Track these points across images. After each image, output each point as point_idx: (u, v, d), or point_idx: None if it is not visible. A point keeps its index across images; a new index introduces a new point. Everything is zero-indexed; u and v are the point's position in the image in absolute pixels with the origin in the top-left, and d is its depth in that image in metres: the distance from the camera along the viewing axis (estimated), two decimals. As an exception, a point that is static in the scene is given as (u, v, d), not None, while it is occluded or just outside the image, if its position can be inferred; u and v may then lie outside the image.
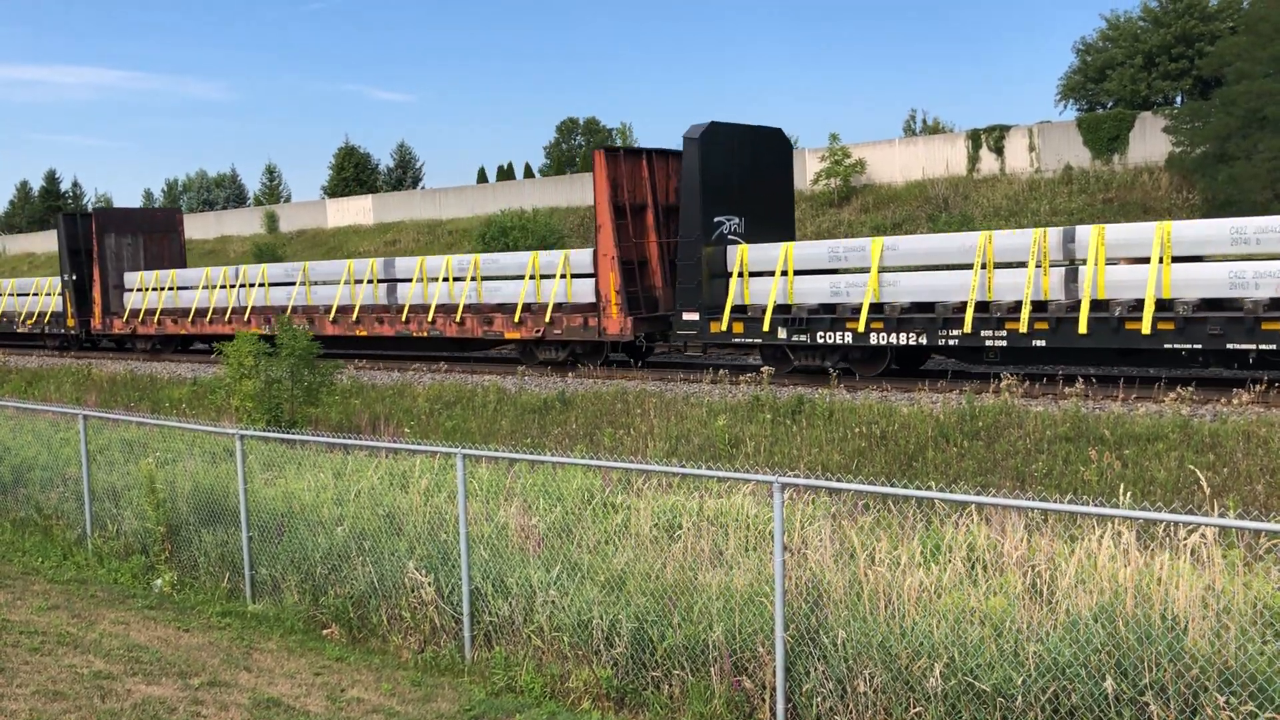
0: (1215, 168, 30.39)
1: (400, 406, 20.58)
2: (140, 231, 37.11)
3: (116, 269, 35.96)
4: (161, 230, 37.71)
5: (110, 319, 35.67)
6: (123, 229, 36.46)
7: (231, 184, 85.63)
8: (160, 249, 37.17)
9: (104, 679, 7.95)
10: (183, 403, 22.26)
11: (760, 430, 16.23)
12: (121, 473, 12.53)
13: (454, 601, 8.78)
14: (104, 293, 35.75)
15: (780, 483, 6.97)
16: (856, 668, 6.77)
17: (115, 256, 36.21)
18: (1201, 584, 6.42)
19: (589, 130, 74.89)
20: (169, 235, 37.78)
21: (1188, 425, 13.98)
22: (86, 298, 36.30)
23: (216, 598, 10.37)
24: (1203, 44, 38.58)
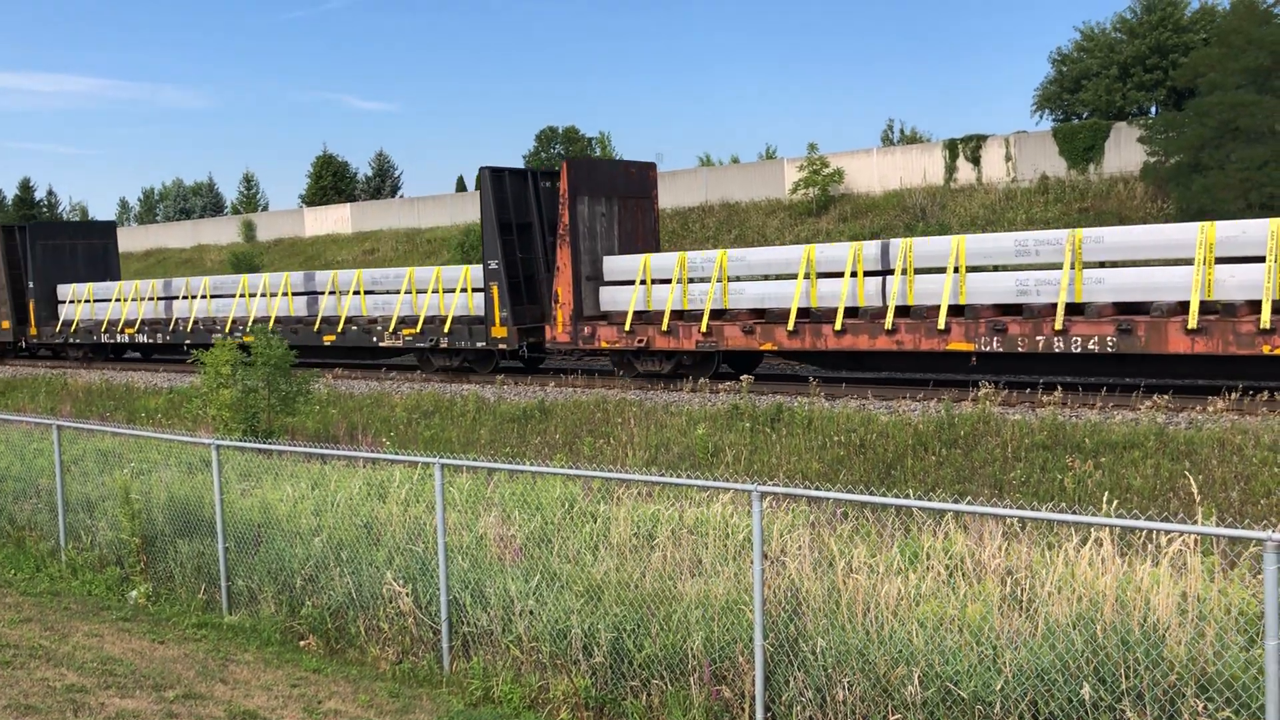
0: (1189, 177, 30.68)
1: (378, 416, 20.50)
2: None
3: None
4: None
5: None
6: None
7: (209, 192, 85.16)
8: None
9: (77, 692, 7.87)
10: (159, 413, 22.09)
11: (739, 439, 16.24)
12: (96, 483, 12.42)
13: (432, 612, 8.73)
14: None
15: (759, 491, 6.98)
16: (836, 676, 6.78)
17: None
18: (1178, 591, 6.46)
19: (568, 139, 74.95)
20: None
21: (1163, 433, 14.09)
22: None
23: (192, 609, 10.28)
24: (1176, 55, 38.97)
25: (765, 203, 44.20)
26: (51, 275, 36.58)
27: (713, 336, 20.81)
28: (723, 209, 44.96)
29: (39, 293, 36.22)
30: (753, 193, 45.14)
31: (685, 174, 48.77)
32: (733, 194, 45.63)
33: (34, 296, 36.20)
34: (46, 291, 36.35)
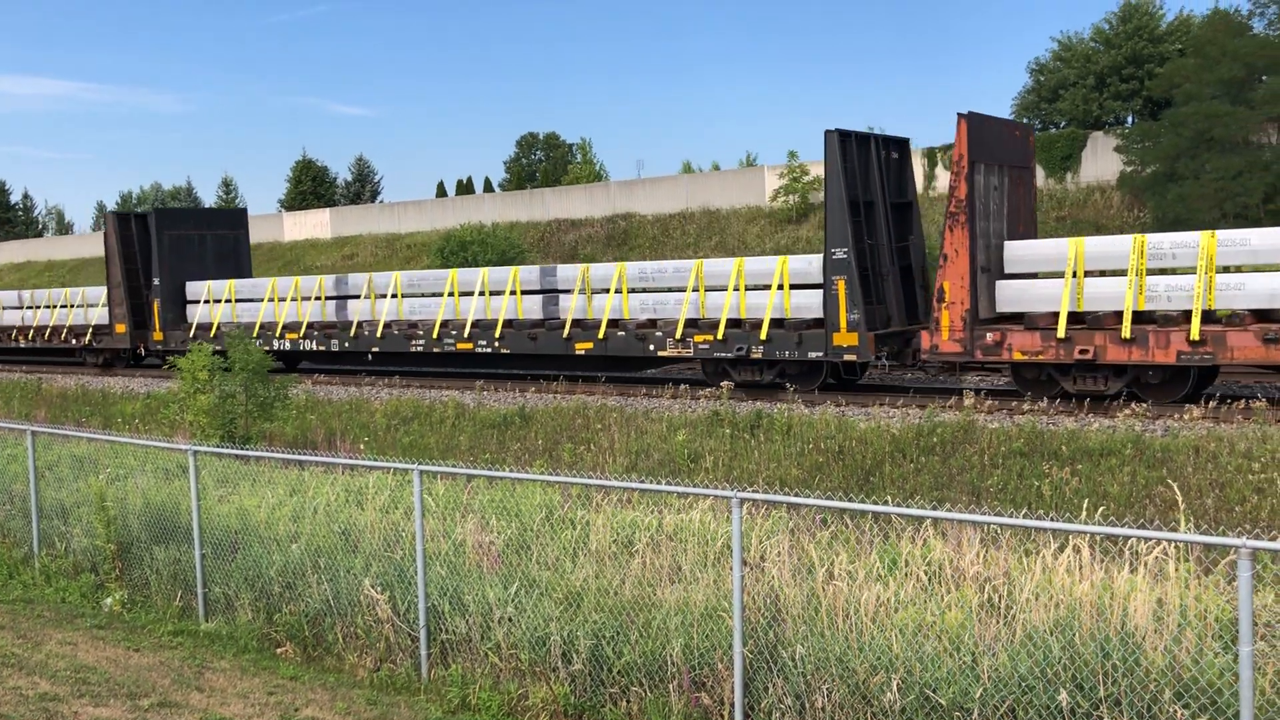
0: (1165, 187, 30.98)
1: (357, 422, 20.41)
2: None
3: None
4: None
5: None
6: None
7: (187, 196, 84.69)
8: None
9: (50, 701, 7.79)
10: (135, 418, 21.92)
11: (719, 445, 16.26)
12: (71, 489, 12.31)
13: (410, 619, 8.69)
14: None
15: (739, 498, 6.98)
16: (815, 683, 6.78)
17: None
18: (1154, 597, 6.50)
19: (548, 145, 74.97)
20: None
21: (1140, 440, 14.19)
22: None
23: (168, 617, 10.19)
24: (1152, 65, 39.33)
25: (746, 210, 44.30)
26: (178, 271, 30.82)
27: (1207, 346, 15.87)
28: (703, 216, 45.04)
29: (165, 291, 30.37)
30: (733, 200, 45.22)
31: (666, 181, 48.83)
32: (713, 201, 45.70)
33: (159, 295, 30.38)
34: (173, 290, 30.61)
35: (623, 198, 48.88)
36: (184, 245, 31.13)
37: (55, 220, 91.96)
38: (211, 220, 33.44)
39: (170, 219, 31.48)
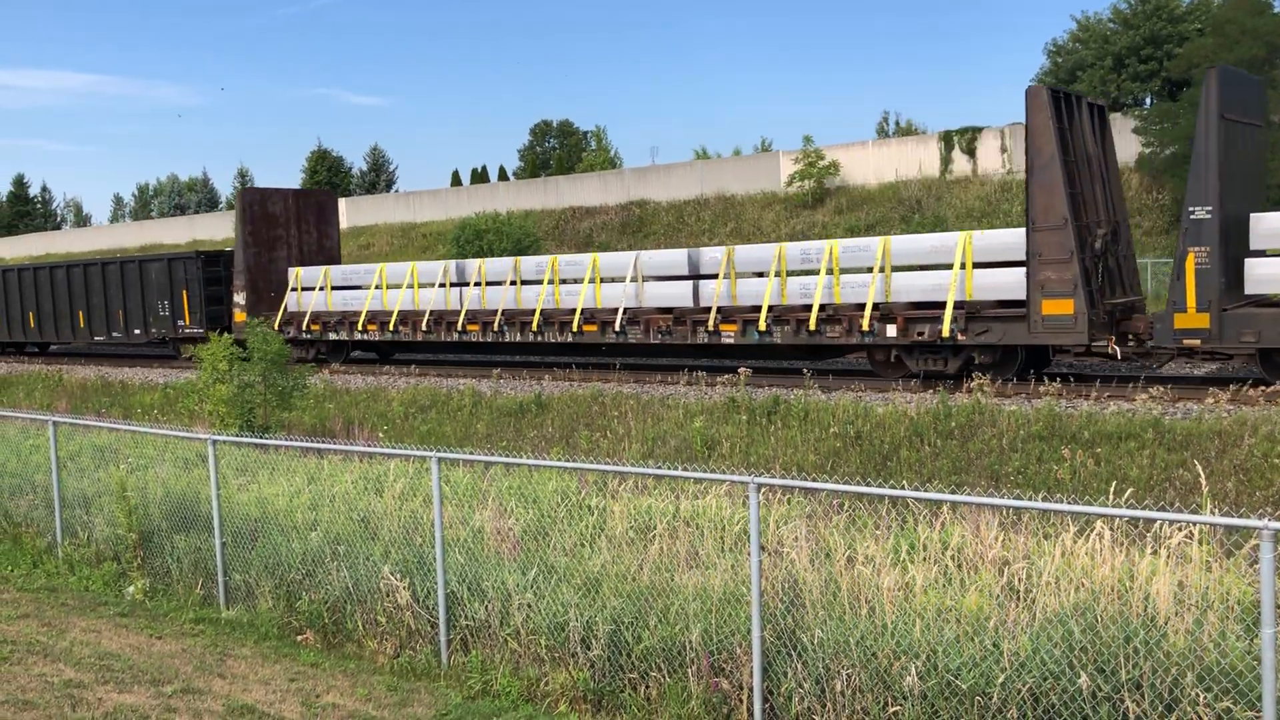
0: (1184, 168, 30.68)
1: (374, 410, 20.48)
2: None
3: None
4: None
5: None
6: None
7: (204, 188, 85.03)
8: None
9: (75, 687, 7.86)
10: (155, 408, 22.06)
11: (736, 431, 16.25)
12: (92, 479, 12.40)
13: (430, 605, 8.73)
14: None
15: (756, 483, 6.97)
16: (834, 667, 6.78)
17: None
18: (1175, 580, 6.47)
19: (562, 133, 74.92)
20: None
21: (1159, 424, 14.10)
22: None
23: (189, 604, 10.27)
24: (1171, 45, 38.97)
25: (761, 195, 44.19)
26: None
27: None
28: (718, 202, 44.94)
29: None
30: (748, 185, 45.11)
31: (681, 167, 48.74)
32: (728, 187, 45.60)
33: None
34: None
35: (637, 185, 48.81)
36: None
37: (74, 213, 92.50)
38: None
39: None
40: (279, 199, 30.33)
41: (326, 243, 31.52)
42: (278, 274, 29.61)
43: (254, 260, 29.35)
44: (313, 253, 30.78)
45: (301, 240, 30.66)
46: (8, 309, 36.48)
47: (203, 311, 30.01)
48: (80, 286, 33.59)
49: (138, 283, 31.79)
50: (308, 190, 31.09)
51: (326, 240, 31.56)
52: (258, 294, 29.10)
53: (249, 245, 29.19)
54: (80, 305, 33.66)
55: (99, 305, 33.07)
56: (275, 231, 29.93)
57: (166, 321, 31.04)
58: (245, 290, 29.00)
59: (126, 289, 32.14)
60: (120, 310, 32.41)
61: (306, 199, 31.38)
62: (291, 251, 30.21)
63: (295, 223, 30.52)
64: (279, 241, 29.97)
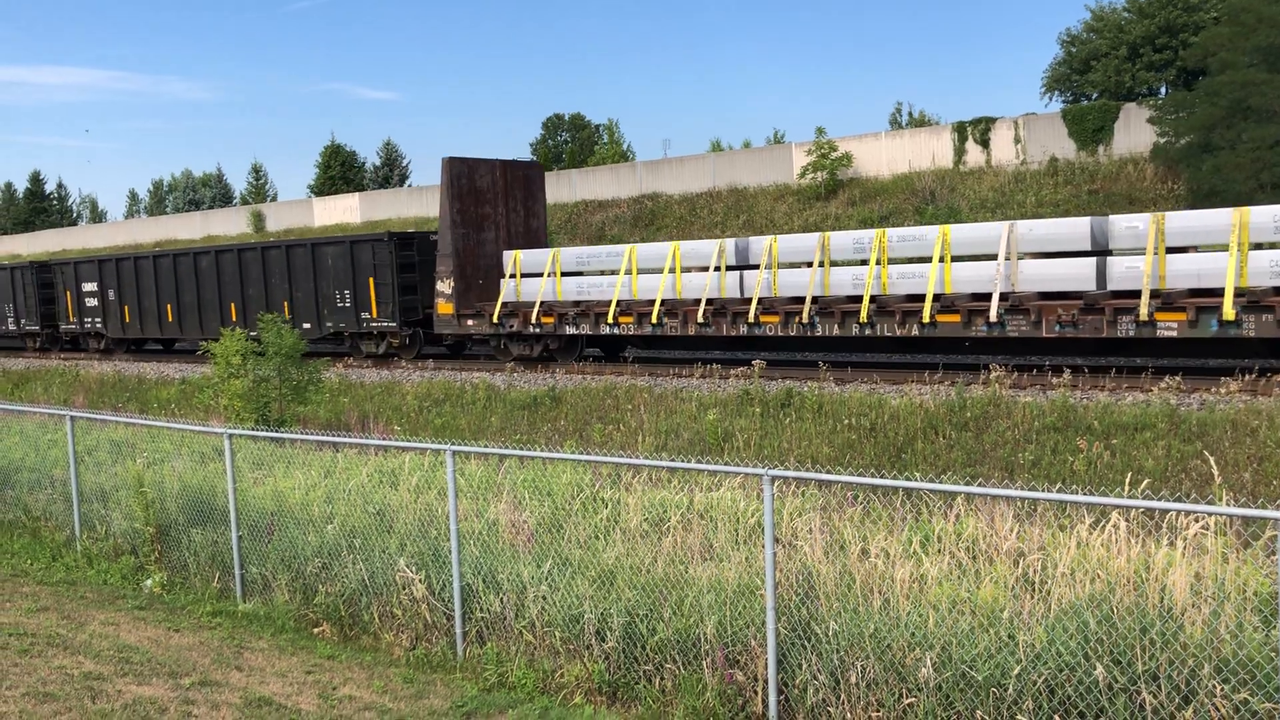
0: (1200, 158, 30.50)
1: (389, 404, 20.54)
2: None
3: None
4: None
5: None
6: None
7: (218, 183, 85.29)
8: None
9: (94, 680, 7.92)
10: (171, 403, 22.18)
11: (750, 424, 16.24)
12: (110, 473, 12.47)
13: (445, 598, 8.76)
14: None
15: (770, 475, 6.97)
16: (849, 659, 6.78)
17: None
18: (1191, 571, 6.45)
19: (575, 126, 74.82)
20: None
21: (1175, 414, 14.04)
22: None
23: (207, 597, 10.33)
24: (1187, 34, 38.70)
25: (773, 188, 44.09)
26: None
27: None
28: (731, 194, 44.87)
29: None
30: (761, 178, 45.01)
31: (693, 160, 48.66)
32: (741, 179, 45.51)
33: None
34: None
35: (650, 178, 48.78)
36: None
37: (89, 209, 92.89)
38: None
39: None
40: (487, 171, 25.81)
41: (534, 222, 26.97)
42: (485, 258, 25.44)
43: (462, 243, 24.98)
44: (519, 234, 26.38)
45: (510, 219, 26.23)
46: (140, 300, 32.48)
47: (395, 302, 25.97)
48: (233, 275, 29.47)
49: (309, 270, 27.64)
50: (516, 161, 26.63)
51: (534, 219, 26.99)
52: (465, 282, 24.96)
53: (456, 225, 24.84)
54: (233, 296, 29.63)
55: (258, 296, 28.87)
56: (483, 209, 25.58)
57: (346, 314, 27.07)
58: (453, 277, 24.78)
59: (294, 277, 27.99)
60: (285, 302, 28.07)
61: (514, 171, 26.63)
62: (500, 232, 25.86)
63: (503, 199, 26.13)
64: (487, 221, 25.58)
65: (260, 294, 28.86)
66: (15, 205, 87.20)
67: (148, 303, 32.30)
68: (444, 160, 24.96)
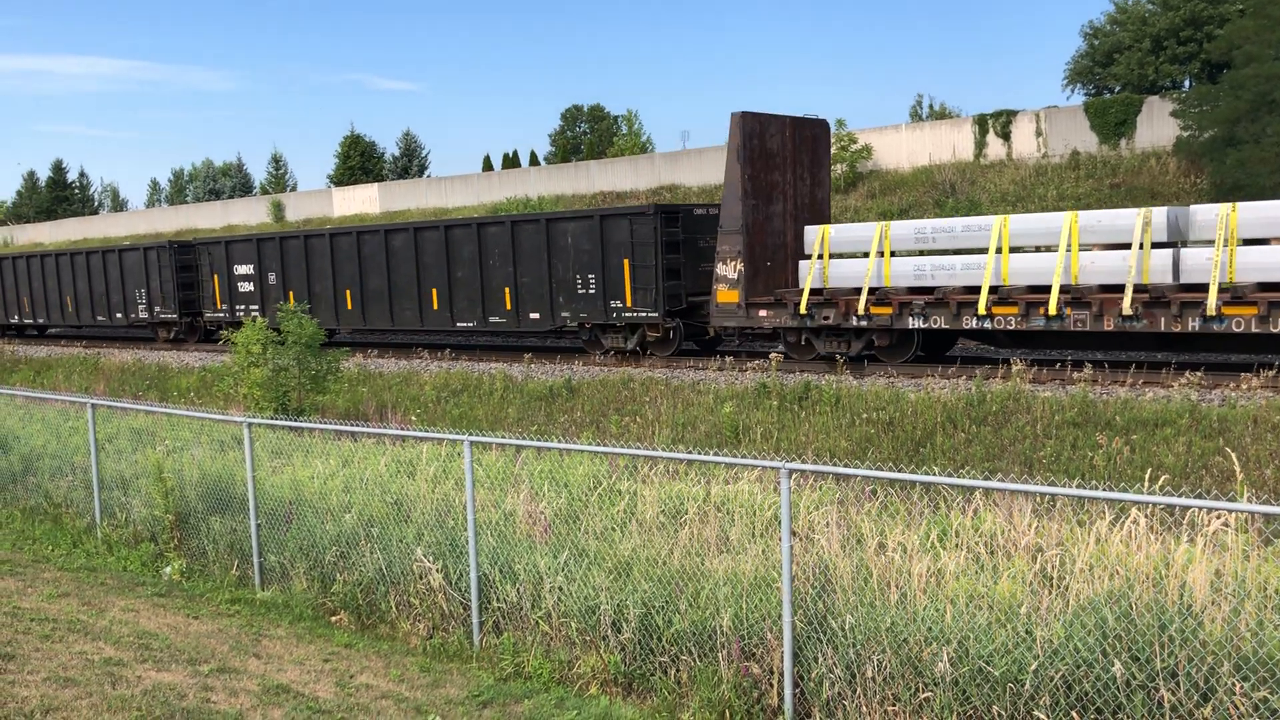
0: (1224, 152, 30.22)
1: (407, 394, 20.61)
2: None
3: None
4: None
5: None
6: None
7: (238, 173, 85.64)
8: None
9: (114, 665, 7.98)
10: (191, 391, 22.31)
11: (767, 417, 16.21)
12: (130, 461, 12.56)
13: (462, 588, 8.79)
14: None
15: (787, 468, 6.96)
16: (865, 653, 6.77)
17: None
18: (1211, 568, 6.41)
19: (594, 117, 74.77)
20: None
21: (1196, 410, 13.94)
22: None
23: (225, 585, 10.40)
24: (1211, 27, 38.34)
25: (792, 180, 43.95)
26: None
27: None
28: (750, 186, 44.77)
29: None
30: (780, 170, 44.88)
31: (712, 151, 48.55)
32: (760, 171, 45.40)
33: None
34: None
35: (668, 169, 48.73)
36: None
37: (110, 197, 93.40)
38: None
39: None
40: (777, 130, 21.18)
41: (819, 193, 22.34)
42: (773, 235, 21.09)
43: (752, 216, 20.45)
44: (805, 206, 21.89)
45: (797, 188, 21.74)
46: (310, 285, 28.08)
47: (658, 289, 21.93)
48: (437, 255, 25.37)
49: (540, 249, 23.66)
50: (805, 118, 22.26)
51: (819, 189, 22.35)
52: (754, 264, 20.56)
53: (747, 195, 20.36)
54: (436, 281, 25.52)
55: (468, 281, 24.90)
56: (772, 176, 21.05)
57: (590, 303, 23.06)
58: (741, 259, 20.32)
59: (520, 259, 24.12)
60: (507, 289, 24.24)
61: (803, 130, 21.97)
62: (787, 204, 21.41)
63: (791, 164, 21.55)
64: (775, 190, 21.11)
65: (472, 278, 24.83)
66: (38, 194, 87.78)
67: (320, 288, 27.73)
68: (735, 116, 20.24)
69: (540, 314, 23.89)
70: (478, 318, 24.96)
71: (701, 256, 22.44)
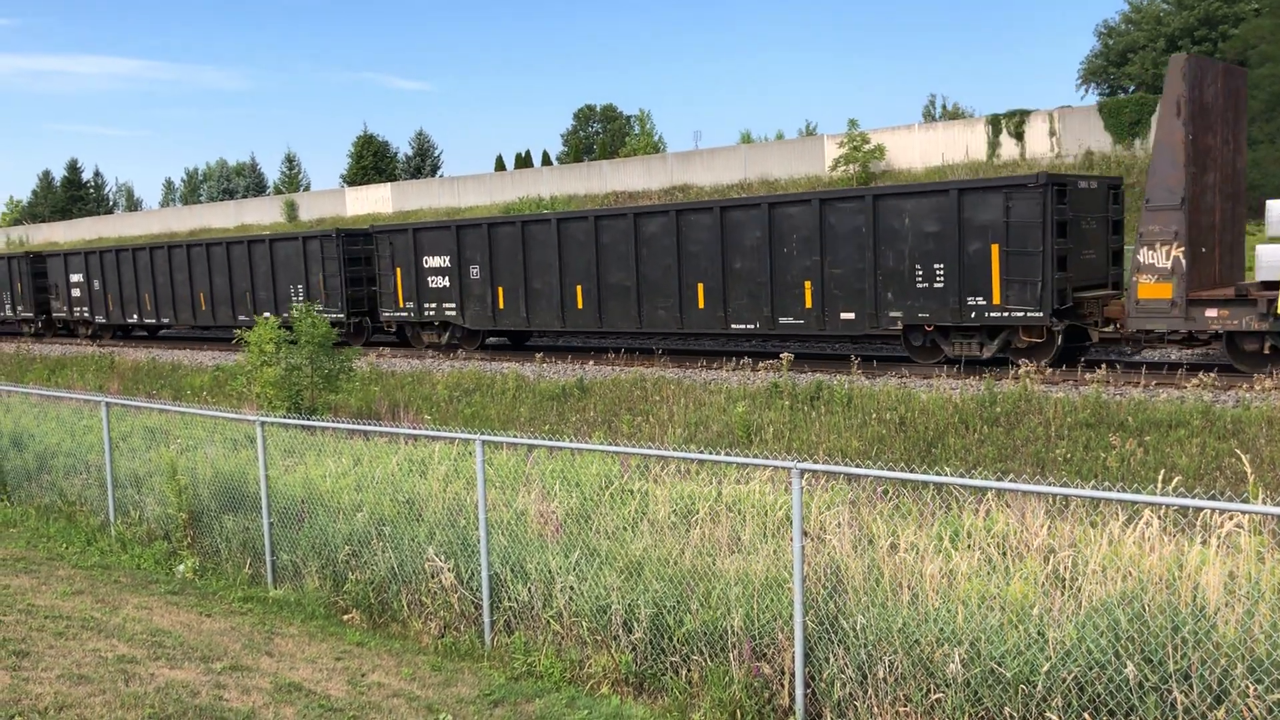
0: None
1: (419, 394, 20.65)
2: None
3: None
4: None
5: None
6: None
7: (251, 173, 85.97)
8: None
9: (128, 663, 8.01)
10: (204, 390, 22.40)
11: (779, 417, 16.20)
12: (143, 459, 12.62)
13: (474, 587, 8.80)
14: None
15: (799, 468, 6.95)
16: (876, 654, 6.76)
17: None
18: (1225, 570, 6.38)
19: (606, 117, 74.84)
20: None
21: (1209, 411, 13.87)
22: None
23: (238, 583, 10.43)
24: (1226, 26, 38.17)
25: (805, 179, 43.92)
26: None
27: None
28: (762, 186, 44.73)
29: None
30: (792, 169, 44.85)
31: (724, 151, 48.52)
32: (772, 171, 45.37)
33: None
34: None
35: (680, 169, 48.72)
36: None
37: (125, 197, 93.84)
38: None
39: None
40: (1212, 79, 17.40)
41: (1239, 161, 18.71)
42: (1206, 214, 17.38)
43: (1191, 189, 16.67)
44: (1228, 177, 18.15)
45: (1224, 156, 17.99)
46: (527, 279, 24.06)
47: (1045, 282, 17.65)
48: (707, 244, 21.04)
49: (860, 234, 19.40)
50: (1232, 66, 18.87)
51: (1239, 157, 18.71)
52: (1194, 250, 16.76)
53: (1189, 161, 16.62)
54: (701, 274, 21.20)
55: (749, 273, 20.60)
56: (1206, 139, 17.28)
57: (935, 300, 18.74)
58: (1180, 243, 16.49)
59: (828, 246, 19.72)
60: (808, 283, 19.97)
61: (1231, 82, 18.21)
62: (1218, 175, 17.75)
63: (1220, 125, 17.79)
64: (1209, 157, 17.38)
65: (758, 269, 20.49)
66: (53, 193, 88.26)
67: (541, 283, 23.93)
68: (1175, 60, 16.75)
69: (855, 314, 19.56)
70: (762, 319, 20.52)
71: (1084, 242, 18.55)
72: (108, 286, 35.27)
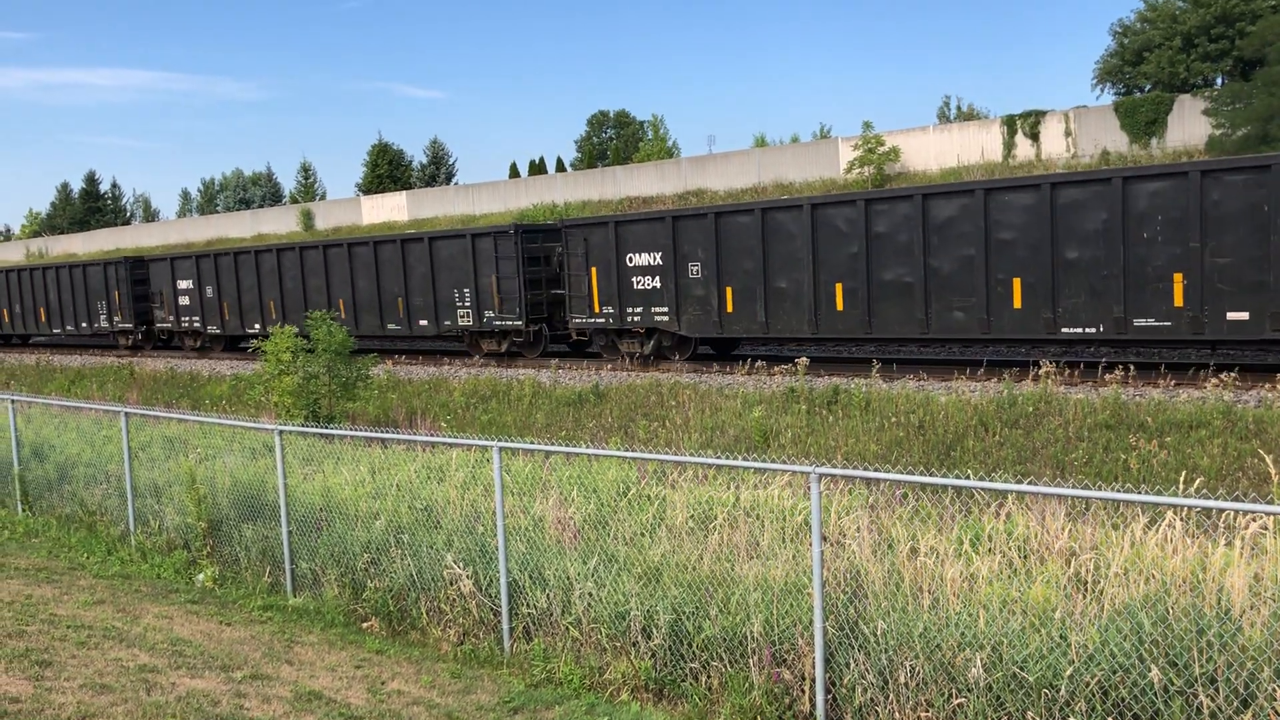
0: (1257, 150, 29.86)
1: (436, 401, 20.68)
2: None
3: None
4: None
5: None
6: None
7: (267, 182, 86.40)
8: None
9: (149, 672, 8.04)
10: (222, 399, 22.49)
11: (796, 421, 16.15)
12: (163, 469, 12.67)
13: (492, 594, 8.80)
14: None
15: (817, 473, 6.92)
16: (897, 659, 6.71)
17: None
18: (1250, 572, 6.31)
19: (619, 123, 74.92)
20: None
21: (1231, 411, 13.76)
22: None
23: (258, 592, 10.46)
24: (1243, 24, 37.93)
25: (819, 182, 43.83)
26: None
27: None
28: (776, 189, 44.67)
29: None
30: (806, 173, 44.78)
31: (738, 155, 48.50)
32: (786, 174, 45.30)
33: None
34: None
35: (694, 174, 48.71)
36: None
37: (142, 208, 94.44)
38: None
39: None
40: None
41: None
42: None
43: None
44: None
45: None
46: (767, 278, 20.29)
47: None
48: (1025, 231, 17.04)
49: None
50: None
51: None
52: None
53: None
54: (1018, 267, 17.21)
55: (1090, 263, 16.58)
56: None
57: None
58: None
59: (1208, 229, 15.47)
60: (1178, 275, 15.78)
61: None
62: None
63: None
64: None
65: (1109, 258, 16.36)
66: (71, 205, 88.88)
67: (787, 281, 20.04)
68: None
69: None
70: (1106, 320, 16.46)
71: None
72: (223, 294, 31.67)
